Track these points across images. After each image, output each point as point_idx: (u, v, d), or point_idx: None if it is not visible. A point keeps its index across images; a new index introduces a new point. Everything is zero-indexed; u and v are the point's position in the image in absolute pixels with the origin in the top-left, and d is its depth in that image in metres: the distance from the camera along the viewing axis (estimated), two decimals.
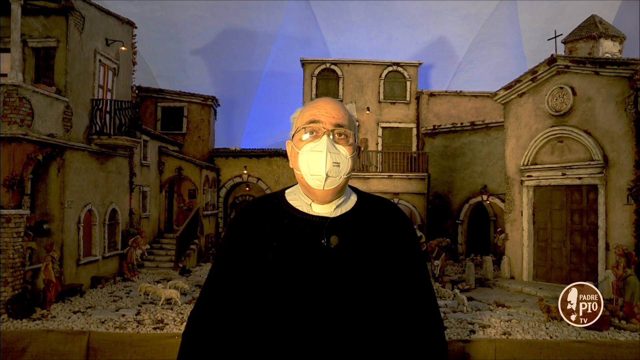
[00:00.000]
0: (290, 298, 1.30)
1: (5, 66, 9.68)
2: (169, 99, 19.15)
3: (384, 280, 1.35)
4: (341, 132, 1.39)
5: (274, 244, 1.36)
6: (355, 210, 1.44)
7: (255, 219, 1.44)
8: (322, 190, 1.36)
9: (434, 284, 11.50)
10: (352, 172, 1.42)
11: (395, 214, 1.48)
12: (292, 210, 1.42)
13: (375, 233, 1.40)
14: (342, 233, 1.36)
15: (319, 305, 1.29)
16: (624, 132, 9.80)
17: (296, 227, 1.38)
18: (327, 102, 1.42)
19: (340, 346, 1.28)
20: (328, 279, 1.31)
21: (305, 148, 1.37)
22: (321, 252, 1.33)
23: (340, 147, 1.38)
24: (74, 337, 3.03)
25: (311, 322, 1.29)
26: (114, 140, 11.39)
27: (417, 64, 19.74)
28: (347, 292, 1.31)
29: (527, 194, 11.73)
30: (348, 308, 1.30)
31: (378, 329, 1.33)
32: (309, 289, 1.30)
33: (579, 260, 10.74)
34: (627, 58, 10.19)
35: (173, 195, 17.75)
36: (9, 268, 8.26)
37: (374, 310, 1.33)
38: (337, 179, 1.36)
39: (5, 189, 8.32)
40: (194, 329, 1.42)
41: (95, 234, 11.43)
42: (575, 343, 2.86)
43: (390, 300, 1.36)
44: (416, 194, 17.44)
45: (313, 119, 1.38)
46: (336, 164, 1.35)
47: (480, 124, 16.64)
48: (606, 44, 12.02)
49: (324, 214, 1.40)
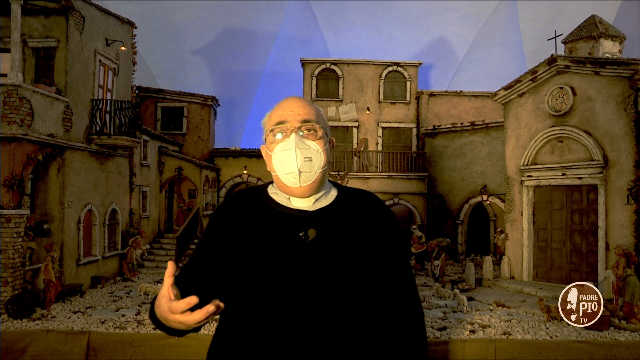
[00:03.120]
0: (267, 290, 1.31)
1: (5, 66, 9.68)
2: (169, 99, 19.15)
3: (363, 273, 1.35)
4: (309, 127, 1.40)
5: (253, 236, 1.37)
6: (335, 204, 1.44)
7: (236, 211, 1.45)
8: (300, 187, 1.37)
9: (434, 284, 11.50)
10: (327, 165, 1.42)
11: (376, 207, 1.48)
12: (272, 204, 1.43)
13: (355, 226, 1.40)
14: (321, 226, 1.37)
15: (296, 298, 1.29)
16: (624, 132, 9.80)
17: (275, 220, 1.39)
18: (291, 101, 1.44)
19: (318, 339, 1.28)
20: (305, 272, 1.31)
21: (277, 149, 1.39)
22: (299, 245, 1.34)
23: (310, 142, 1.39)
24: (74, 337, 3.03)
25: (288, 315, 1.29)
26: (114, 140, 11.39)
27: (417, 64, 19.74)
28: (324, 286, 1.31)
29: (527, 194, 11.73)
30: (325, 301, 1.30)
31: (356, 322, 1.33)
32: (286, 282, 1.31)
33: (579, 260, 10.74)
34: (627, 58, 10.19)
35: (173, 195, 17.75)
36: (9, 268, 8.26)
37: (352, 302, 1.33)
38: (311, 173, 1.37)
39: (5, 189, 8.32)
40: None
41: (95, 234, 11.42)
42: (575, 343, 2.87)
43: (370, 293, 1.36)
44: (416, 194, 17.44)
45: (279, 120, 1.40)
46: (308, 158, 1.36)
47: (480, 124, 16.64)
48: (606, 44, 12.02)
49: (303, 208, 1.41)
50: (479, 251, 16.53)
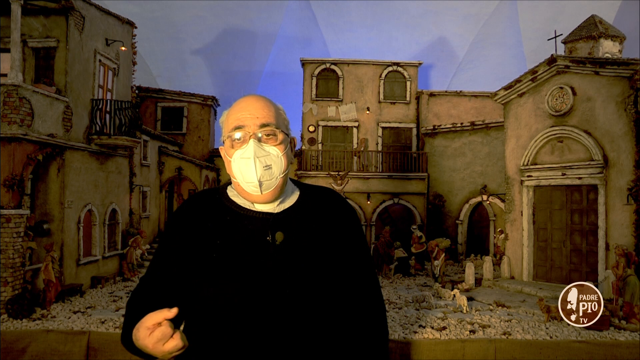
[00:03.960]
0: (238, 297, 1.28)
1: (5, 66, 9.68)
2: (169, 99, 19.16)
3: (328, 272, 1.35)
4: (268, 131, 1.35)
5: (218, 242, 1.33)
6: (299, 205, 1.42)
7: (196, 216, 1.41)
8: (261, 195, 1.34)
9: (434, 284, 11.49)
10: (289, 168, 1.39)
11: (337, 204, 1.47)
12: (234, 207, 1.40)
13: (319, 226, 1.39)
14: (287, 229, 1.35)
15: (267, 303, 1.28)
16: (624, 132, 9.80)
17: (240, 224, 1.36)
18: (249, 102, 1.38)
19: (287, 341, 1.28)
20: (275, 275, 1.30)
21: (236, 155, 1.35)
22: (267, 249, 1.32)
23: (270, 148, 1.35)
24: (74, 337, 3.03)
25: (258, 320, 1.27)
26: (114, 140, 11.39)
27: (417, 64, 19.74)
28: (294, 287, 1.30)
29: (527, 194, 11.72)
30: (297, 303, 1.29)
31: (325, 321, 1.34)
32: (257, 287, 1.28)
33: (579, 260, 10.74)
34: (627, 58, 10.19)
35: (173, 195, 17.75)
36: (9, 268, 8.26)
37: (321, 303, 1.33)
38: (272, 180, 1.34)
39: (5, 189, 8.31)
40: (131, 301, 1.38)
41: (95, 234, 11.42)
42: (575, 343, 2.87)
43: (335, 292, 1.36)
44: (416, 194, 17.43)
45: (237, 125, 1.35)
46: (267, 167, 1.33)
47: (480, 124, 16.63)
48: (606, 44, 12.01)
49: (267, 210, 1.38)
50: (479, 251, 16.52)
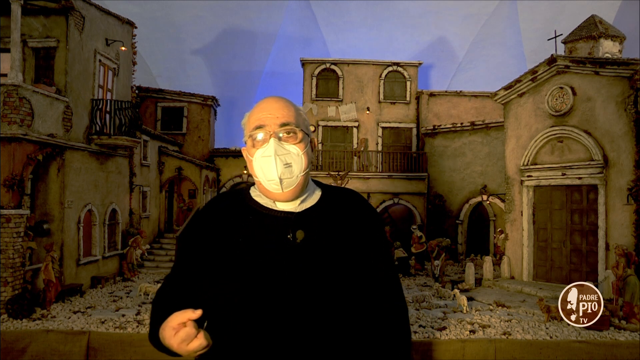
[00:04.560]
0: (259, 295, 1.30)
1: (5, 66, 9.68)
2: (169, 99, 19.15)
3: (350, 272, 1.36)
4: (288, 130, 1.38)
5: (240, 240, 1.36)
6: (320, 204, 1.44)
7: (219, 215, 1.44)
8: (282, 193, 1.37)
9: (434, 284, 11.50)
10: (309, 167, 1.41)
11: (360, 205, 1.49)
12: (257, 207, 1.42)
13: (340, 225, 1.40)
14: (308, 227, 1.37)
15: (288, 301, 1.29)
16: (624, 132, 9.80)
17: (262, 223, 1.38)
18: (269, 102, 1.41)
19: (309, 339, 1.29)
20: (296, 273, 1.31)
21: (257, 155, 1.38)
22: (288, 247, 1.34)
23: (290, 146, 1.37)
24: (74, 337, 3.03)
25: (279, 317, 1.29)
26: (114, 140, 11.39)
27: (417, 64, 19.74)
28: (314, 286, 1.31)
29: (527, 194, 11.72)
30: (316, 301, 1.30)
31: (345, 320, 1.34)
32: (277, 285, 1.30)
33: (579, 260, 10.74)
34: (627, 58, 10.19)
35: (173, 195, 17.75)
36: (9, 268, 8.26)
37: (341, 301, 1.33)
38: (292, 179, 1.36)
39: (5, 189, 8.31)
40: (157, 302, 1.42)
41: (95, 234, 11.42)
42: (575, 343, 2.87)
43: (357, 291, 1.37)
44: (416, 194, 17.44)
45: (258, 124, 1.38)
46: (287, 165, 1.35)
47: (480, 124, 16.63)
48: (606, 44, 12.01)
49: (289, 209, 1.41)
50: (479, 251, 16.52)
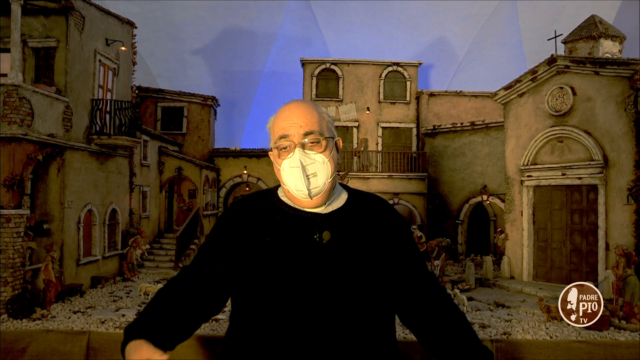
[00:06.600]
0: (284, 294, 1.31)
1: (5, 66, 9.68)
2: (169, 99, 19.15)
3: (376, 273, 1.36)
4: (313, 139, 1.37)
5: (267, 239, 1.36)
6: (347, 207, 1.45)
7: (247, 215, 1.44)
8: (311, 200, 1.37)
9: None
10: (335, 171, 1.42)
11: (386, 209, 1.50)
12: (284, 207, 1.43)
13: (366, 227, 1.41)
14: (334, 229, 1.37)
15: (313, 301, 1.30)
16: (624, 132, 9.80)
17: (289, 223, 1.39)
18: (292, 110, 1.40)
19: (334, 340, 1.29)
20: (321, 273, 1.32)
21: (284, 165, 1.38)
22: (314, 247, 1.34)
23: (315, 155, 1.37)
24: (74, 337, 3.02)
25: (305, 317, 1.29)
26: (114, 140, 11.38)
27: (417, 64, 19.74)
28: (340, 287, 1.31)
29: (527, 194, 11.72)
30: (342, 302, 1.31)
31: (371, 323, 1.34)
32: (303, 284, 1.31)
33: (579, 260, 10.74)
34: (627, 58, 10.19)
35: (173, 195, 17.74)
36: (9, 268, 8.26)
37: (367, 303, 1.34)
38: (320, 187, 1.36)
39: (5, 189, 8.31)
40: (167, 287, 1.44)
41: (95, 234, 11.42)
42: (575, 343, 2.85)
43: (383, 293, 1.38)
44: (416, 194, 17.43)
45: (282, 134, 1.38)
46: (313, 175, 1.35)
47: (480, 124, 16.63)
48: (606, 44, 12.01)
49: (316, 211, 1.41)
50: (479, 251, 16.52)
